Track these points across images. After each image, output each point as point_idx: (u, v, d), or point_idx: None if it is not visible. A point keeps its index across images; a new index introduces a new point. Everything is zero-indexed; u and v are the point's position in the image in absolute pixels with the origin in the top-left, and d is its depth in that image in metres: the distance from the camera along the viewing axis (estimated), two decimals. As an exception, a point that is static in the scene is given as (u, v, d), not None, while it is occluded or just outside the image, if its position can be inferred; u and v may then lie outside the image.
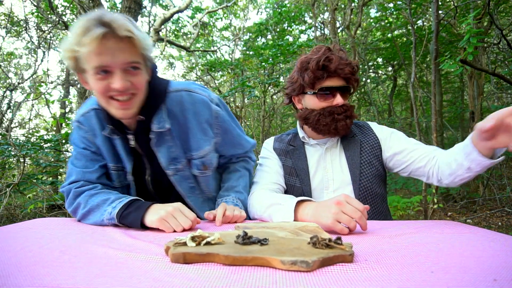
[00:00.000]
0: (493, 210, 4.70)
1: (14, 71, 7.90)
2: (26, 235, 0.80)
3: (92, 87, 0.95)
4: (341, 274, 0.49)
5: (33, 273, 0.50)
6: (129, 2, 3.75)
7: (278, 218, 0.97)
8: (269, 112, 7.81)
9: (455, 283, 0.44)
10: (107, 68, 0.90)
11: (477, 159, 0.91)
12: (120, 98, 0.94)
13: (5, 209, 4.01)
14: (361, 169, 1.20)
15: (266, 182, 1.24)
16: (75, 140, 1.13)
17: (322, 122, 1.17)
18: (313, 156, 1.27)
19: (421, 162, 1.15)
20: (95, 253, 0.63)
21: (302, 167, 1.25)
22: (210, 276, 0.48)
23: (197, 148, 1.11)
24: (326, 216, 0.82)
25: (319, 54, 1.16)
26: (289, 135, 1.36)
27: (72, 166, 1.12)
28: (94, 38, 0.85)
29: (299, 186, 1.24)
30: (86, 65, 0.91)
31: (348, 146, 1.24)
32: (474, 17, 2.89)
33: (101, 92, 0.93)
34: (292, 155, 1.28)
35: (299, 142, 1.31)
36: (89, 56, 0.88)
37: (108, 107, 0.97)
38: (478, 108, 5.10)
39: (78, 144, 1.12)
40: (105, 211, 0.96)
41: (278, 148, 1.33)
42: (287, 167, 1.28)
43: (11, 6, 6.62)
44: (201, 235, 0.60)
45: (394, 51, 6.97)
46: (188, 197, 1.17)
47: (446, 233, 0.78)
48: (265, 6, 8.59)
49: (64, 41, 0.92)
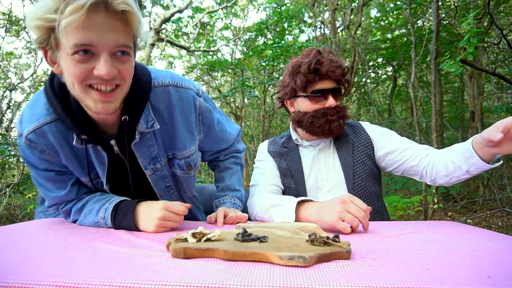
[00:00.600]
0: (493, 210, 4.70)
1: (14, 71, 7.91)
2: (30, 233, 0.82)
3: (65, 70, 0.75)
4: (337, 270, 0.50)
5: (37, 268, 0.51)
6: (130, 2, 3.75)
7: (279, 219, 0.98)
8: (269, 112, 7.82)
9: (450, 279, 0.45)
10: (91, 48, 0.72)
11: (477, 163, 0.93)
12: (102, 88, 0.76)
13: (5, 209, 4.02)
14: (354, 168, 1.22)
15: (265, 184, 1.26)
16: (30, 160, 0.91)
17: (316, 124, 1.19)
18: (307, 157, 1.29)
19: (414, 161, 1.16)
20: (98, 249, 0.64)
21: (297, 168, 1.27)
22: (209, 269, 0.49)
23: (183, 148, 1.03)
24: (330, 214, 0.84)
25: (310, 58, 1.17)
26: (283, 138, 1.38)
27: (44, 191, 0.96)
28: (80, 7, 0.66)
29: (294, 187, 1.26)
30: (63, 39, 0.70)
31: (341, 147, 1.26)
32: (474, 17, 2.89)
33: (78, 77, 0.73)
34: (286, 157, 1.31)
35: (292, 144, 1.33)
36: (70, 30, 0.68)
37: (84, 97, 0.77)
38: (478, 108, 5.11)
39: (37, 165, 0.92)
40: (98, 217, 0.91)
41: (273, 150, 1.35)
42: (282, 168, 1.30)
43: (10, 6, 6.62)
44: (202, 232, 0.61)
45: (394, 51, 6.98)
46: (162, 197, 1.08)
47: (446, 233, 0.79)
48: (264, 6, 8.59)
49: (36, 5, 0.70)
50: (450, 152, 1.05)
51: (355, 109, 10.31)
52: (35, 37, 0.74)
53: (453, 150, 1.03)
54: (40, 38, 0.73)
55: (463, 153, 0.97)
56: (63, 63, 0.75)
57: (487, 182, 4.94)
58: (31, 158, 0.91)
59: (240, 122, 8.14)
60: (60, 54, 0.74)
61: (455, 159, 1.00)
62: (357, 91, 9.24)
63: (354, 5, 5.68)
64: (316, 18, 6.97)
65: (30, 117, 0.87)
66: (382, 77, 9.49)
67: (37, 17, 0.70)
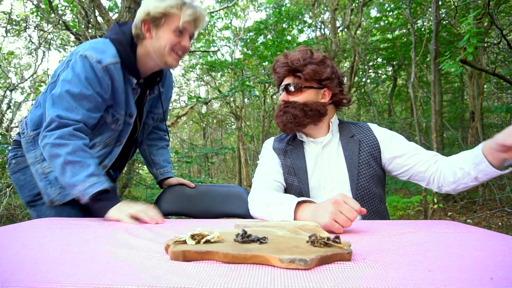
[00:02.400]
0: (493, 210, 4.70)
1: (14, 71, 7.91)
2: (28, 234, 0.81)
3: (162, 38, 1.19)
4: (338, 272, 0.49)
5: (35, 270, 0.50)
6: (129, 2, 3.76)
7: (278, 218, 0.98)
8: (269, 112, 7.83)
9: (452, 281, 0.44)
10: (184, 32, 1.20)
11: (486, 169, 0.93)
12: (180, 53, 1.23)
13: (5, 209, 4.02)
14: (359, 168, 1.21)
15: (267, 180, 1.25)
16: (91, 80, 1.12)
17: (276, 120, 1.28)
18: (311, 155, 1.28)
19: (422, 167, 1.16)
20: (96, 251, 0.63)
21: (301, 166, 1.26)
22: (209, 273, 0.49)
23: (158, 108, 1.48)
24: (324, 215, 0.83)
25: (277, 59, 1.29)
26: (288, 135, 1.37)
27: (78, 103, 1.11)
28: (194, 13, 1.19)
29: (297, 185, 1.25)
30: (170, 22, 1.17)
31: (347, 146, 1.25)
32: (474, 17, 2.89)
33: (171, 43, 1.19)
34: (290, 154, 1.30)
35: (298, 141, 1.32)
36: (182, 20, 1.17)
37: (166, 56, 1.21)
38: (478, 108, 5.11)
39: (94, 86, 1.13)
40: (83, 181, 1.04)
41: (278, 147, 1.34)
42: (286, 166, 1.29)
43: (11, 6, 6.62)
44: (201, 234, 0.61)
45: (394, 51, 6.98)
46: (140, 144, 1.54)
47: (446, 233, 0.79)
48: (264, 6, 8.60)
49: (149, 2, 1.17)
50: (458, 158, 1.05)
51: (355, 109, 10.32)
52: (150, 16, 1.16)
53: (462, 157, 1.03)
54: (153, 16, 1.16)
55: (472, 158, 0.96)
56: (162, 33, 1.19)
57: (487, 182, 4.93)
58: (94, 80, 1.13)
59: (240, 122, 8.14)
60: (162, 28, 1.18)
61: (464, 166, 1.00)
62: (357, 91, 9.24)
63: (354, 5, 5.68)
64: (316, 18, 6.98)
65: (107, 52, 1.16)
66: (382, 77, 9.49)
67: (162, 6, 1.15)
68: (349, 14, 5.49)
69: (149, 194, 7.39)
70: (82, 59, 1.12)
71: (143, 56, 1.23)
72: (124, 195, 6.25)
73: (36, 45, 6.28)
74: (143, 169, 7.35)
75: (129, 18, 3.79)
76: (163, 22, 1.17)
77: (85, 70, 1.11)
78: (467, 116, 6.69)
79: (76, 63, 1.12)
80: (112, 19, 3.82)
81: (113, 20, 3.80)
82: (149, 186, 7.19)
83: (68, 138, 1.07)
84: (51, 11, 4.46)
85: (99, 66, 1.12)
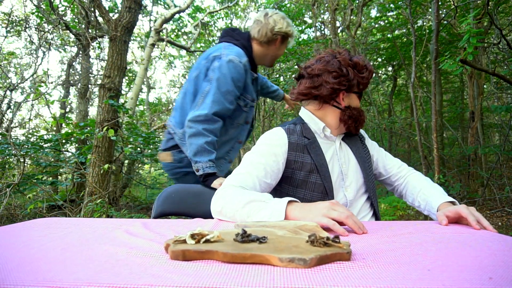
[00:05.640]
0: (493, 210, 4.70)
1: (14, 71, 7.91)
2: (28, 234, 0.81)
3: (281, 50, 1.70)
4: (338, 272, 0.49)
5: (35, 269, 0.50)
6: (129, 2, 3.75)
7: (259, 217, 0.90)
8: (269, 112, 7.82)
9: (451, 281, 0.44)
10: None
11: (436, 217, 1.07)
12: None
13: (5, 209, 4.02)
14: (368, 163, 1.28)
15: (259, 176, 1.09)
16: (235, 78, 1.51)
17: (361, 121, 1.25)
18: (328, 150, 1.21)
19: (393, 178, 1.33)
20: (96, 251, 0.63)
21: (322, 163, 1.17)
22: (208, 272, 0.49)
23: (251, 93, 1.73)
24: (315, 212, 0.82)
25: (366, 62, 1.23)
26: (296, 125, 1.22)
27: (222, 96, 1.49)
28: (294, 34, 1.69)
29: (320, 183, 1.15)
30: (290, 40, 1.68)
31: (351, 142, 1.29)
32: (474, 17, 2.89)
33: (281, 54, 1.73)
34: (310, 149, 1.17)
35: (311, 134, 1.21)
36: (290, 37, 1.67)
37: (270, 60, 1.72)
38: (478, 108, 5.11)
39: (236, 82, 1.52)
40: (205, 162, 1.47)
41: (295, 142, 1.17)
42: (306, 163, 1.16)
43: (12, 6, 6.62)
44: (201, 233, 0.61)
45: (394, 51, 6.98)
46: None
47: (445, 233, 0.79)
48: (264, 6, 8.59)
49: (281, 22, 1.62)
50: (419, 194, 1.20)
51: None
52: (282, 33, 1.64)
53: (422, 195, 1.18)
54: (273, 34, 1.63)
55: (426, 206, 1.14)
56: (272, 46, 1.66)
57: (486, 182, 4.94)
58: (237, 78, 1.52)
59: (240, 122, 8.10)
60: (272, 42, 1.65)
61: (420, 204, 1.18)
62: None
63: (354, 5, 5.68)
64: (317, 18, 6.98)
65: (237, 53, 1.53)
66: (382, 77, 9.49)
67: (285, 28, 1.62)
68: (349, 14, 5.49)
69: (149, 194, 7.39)
70: (227, 62, 1.49)
71: (260, 56, 1.67)
72: (124, 195, 6.24)
73: (36, 45, 6.27)
74: (143, 169, 7.36)
75: (129, 18, 3.78)
76: (273, 37, 1.62)
77: (230, 73, 1.49)
78: (467, 116, 6.69)
79: (222, 66, 1.49)
80: (112, 19, 3.81)
81: (113, 20, 3.79)
82: (149, 186, 7.19)
83: (212, 124, 1.49)
84: (52, 11, 4.46)
85: (240, 65, 1.51)
